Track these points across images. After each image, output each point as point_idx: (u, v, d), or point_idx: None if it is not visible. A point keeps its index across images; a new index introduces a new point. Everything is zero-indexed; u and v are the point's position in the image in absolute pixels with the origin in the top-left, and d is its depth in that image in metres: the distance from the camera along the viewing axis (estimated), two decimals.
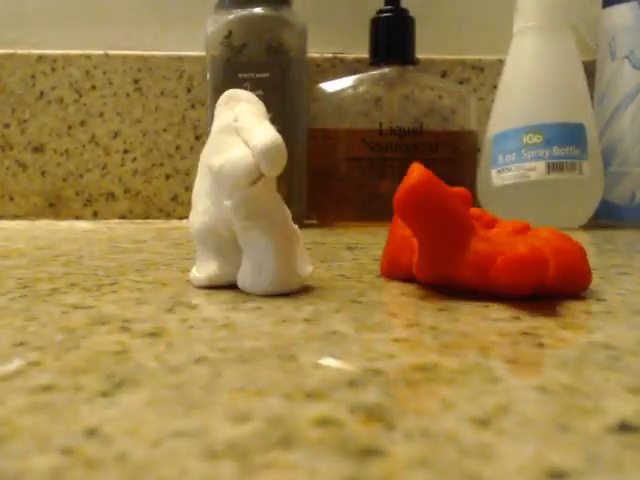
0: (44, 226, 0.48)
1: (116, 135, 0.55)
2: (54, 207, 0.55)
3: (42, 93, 0.55)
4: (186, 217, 0.53)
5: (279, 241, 0.20)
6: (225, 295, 0.22)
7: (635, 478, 0.09)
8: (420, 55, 0.54)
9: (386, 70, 0.50)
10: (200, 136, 0.55)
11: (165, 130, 0.55)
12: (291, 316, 0.19)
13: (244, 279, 0.22)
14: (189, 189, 0.55)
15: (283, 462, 0.10)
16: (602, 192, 0.49)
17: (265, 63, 0.46)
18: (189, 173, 0.56)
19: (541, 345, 0.16)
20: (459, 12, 0.58)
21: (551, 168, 0.46)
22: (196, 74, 0.55)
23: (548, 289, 0.21)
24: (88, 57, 0.55)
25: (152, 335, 0.17)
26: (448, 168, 0.50)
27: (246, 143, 0.20)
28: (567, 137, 0.47)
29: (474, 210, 0.25)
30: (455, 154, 0.50)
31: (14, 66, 0.55)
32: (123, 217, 0.56)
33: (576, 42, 0.49)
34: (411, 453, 0.10)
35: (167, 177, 0.56)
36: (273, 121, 0.51)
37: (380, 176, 0.49)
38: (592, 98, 0.51)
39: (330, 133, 0.50)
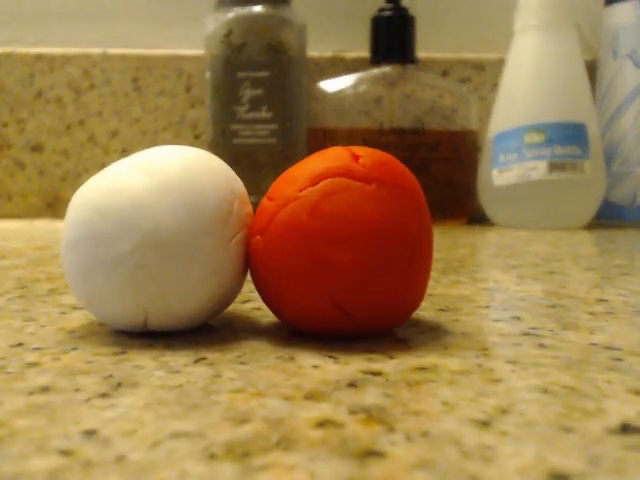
0: (42, 226, 0.48)
1: (115, 134, 0.55)
2: (52, 207, 0.55)
3: (40, 92, 0.55)
4: None
5: None
6: None
7: (637, 479, 0.09)
8: (421, 54, 0.54)
9: (387, 69, 0.50)
10: (199, 135, 0.55)
11: (164, 129, 0.55)
12: None
13: None
14: None
15: (283, 463, 0.10)
16: (604, 191, 0.49)
17: (265, 62, 0.46)
18: None
19: (542, 346, 0.16)
20: (460, 11, 0.57)
21: (552, 167, 0.46)
22: (195, 73, 0.55)
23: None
24: (87, 56, 0.55)
25: (151, 336, 0.17)
26: (449, 168, 0.50)
27: None
28: (569, 136, 0.47)
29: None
30: (456, 153, 0.50)
31: (12, 65, 0.54)
32: None
33: (578, 41, 0.49)
34: (411, 455, 0.10)
35: None
36: (273, 120, 0.51)
37: None
38: (594, 97, 0.51)
39: (330, 132, 0.50)
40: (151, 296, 0.15)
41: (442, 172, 0.50)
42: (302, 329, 0.16)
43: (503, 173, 0.48)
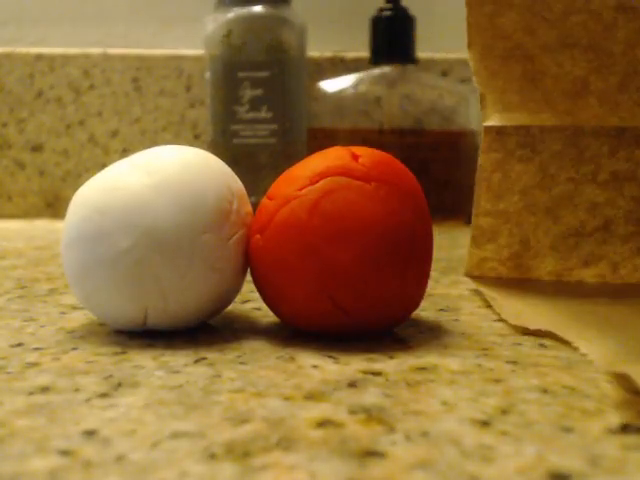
0: (42, 226, 0.48)
1: (115, 134, 0.55)
2: (52, 207, 0.55)
3: (40, 92, 0.55)
4: None
5: None
6: None
7: (637, 479, 0.09)
8: (421, 54, 0.54)
9: (386, 69, 0.50)
10: (199, 135, 0.55)
11: (164, 129, 0.55)
12: None
13: None
14: None
15: (283, 463, 0.10)
16: None
17: (265, 62, 0.46)
18: None
19: (542, 346, 0.16)
20: (460, 11, 0.57)
21: None
22: (195, 73, 0.55)
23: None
24: (87, 56, 0.55)
25: (151, 336, 0.17)
26: (448, 168, 0.50)
27: None
28: None
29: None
30: (455, 154, 0.50)
31: (12, 65, 0.54)
32: None
33: None
34: (411, 455, 0.10)
35: None
36: (273, 120, 0.51)
37: None
38: None
39: (330, 132, 0.50)
40: (150, 293, 0.15)
41: (442, 172, 0.50)
42: (301, 328, 0.16)
43: None
